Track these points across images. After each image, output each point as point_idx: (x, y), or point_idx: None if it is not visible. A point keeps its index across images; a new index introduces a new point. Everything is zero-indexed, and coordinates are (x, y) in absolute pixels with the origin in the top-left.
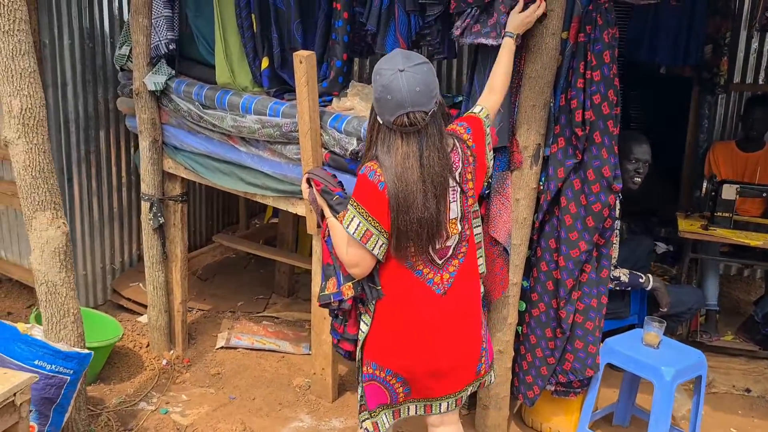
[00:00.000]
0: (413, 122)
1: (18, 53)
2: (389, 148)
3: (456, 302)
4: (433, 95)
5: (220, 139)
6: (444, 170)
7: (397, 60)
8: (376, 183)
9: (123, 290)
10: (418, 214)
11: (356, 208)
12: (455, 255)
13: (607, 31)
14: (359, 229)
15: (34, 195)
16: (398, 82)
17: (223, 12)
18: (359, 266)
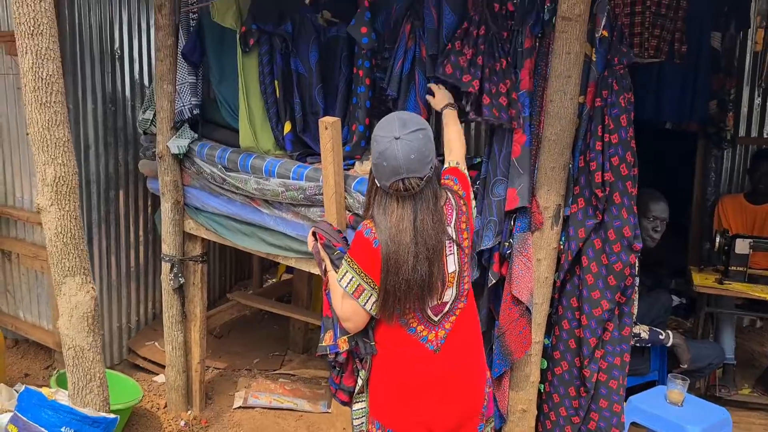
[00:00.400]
0: (408, 188)
1: (54, 124)
2: (385, 211)
3: (450, 359)
4: (427, 161)
5: (243, 201)
6: (438, 233)
7: (393, 127)
8: (371, 240)
9: (139, 349)
10: (407, 275)
11: (350, 264)
12: (452, 311)
13: (623, 96)
14: (352, 284)
15: (65, 261)
16: (393, 149)
17: (247, 78)
18: (352, 320)
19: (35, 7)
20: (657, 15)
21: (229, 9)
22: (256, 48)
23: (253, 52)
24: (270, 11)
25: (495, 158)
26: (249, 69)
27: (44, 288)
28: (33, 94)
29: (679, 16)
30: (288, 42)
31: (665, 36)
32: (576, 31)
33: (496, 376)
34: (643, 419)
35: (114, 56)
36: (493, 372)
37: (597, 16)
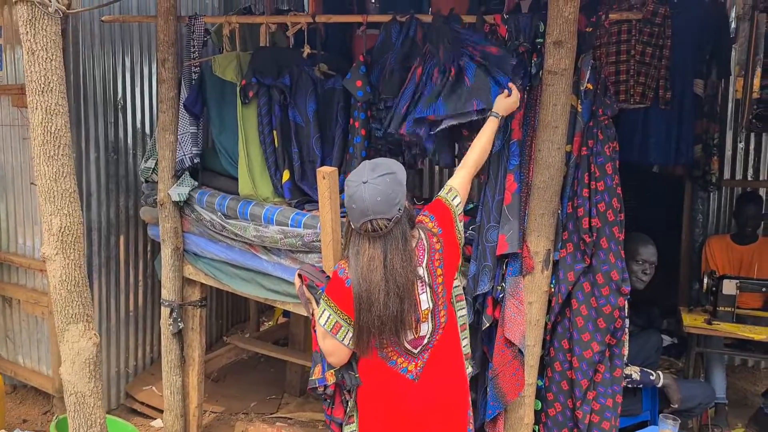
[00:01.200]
0: (376, 228)
1: (60, 176)
2: (358, 251)
3: (430, 386)
4: (394, 203)
5: (242, 248)
6: (407, 272)
7: (363, 172)
8: (344, 279)
9: (137, 394)
10: (379, 312)
11: (327, 302)
12: (430, 343)
13: (608, 145)
14: (329, 321)
15: (68, 308)
16: (361, 192)
17: (247, 128)
18: (334, 355)
19: (46, 65)
20: (641, 63)
21: (230, 63)
22: (256, 100)
23: (253, 103)
24: (269, 65)
25: (488, 205)
26: (248, 120)
27: (44, 334)
28: (41, 148)
29: (662, 65)
30: (286, 94)
31: (650, 83)
32: (562, 84)
33: (490, 418)
34: None
35: (117, 106)
36: (487, 414)
37: (582, 69)
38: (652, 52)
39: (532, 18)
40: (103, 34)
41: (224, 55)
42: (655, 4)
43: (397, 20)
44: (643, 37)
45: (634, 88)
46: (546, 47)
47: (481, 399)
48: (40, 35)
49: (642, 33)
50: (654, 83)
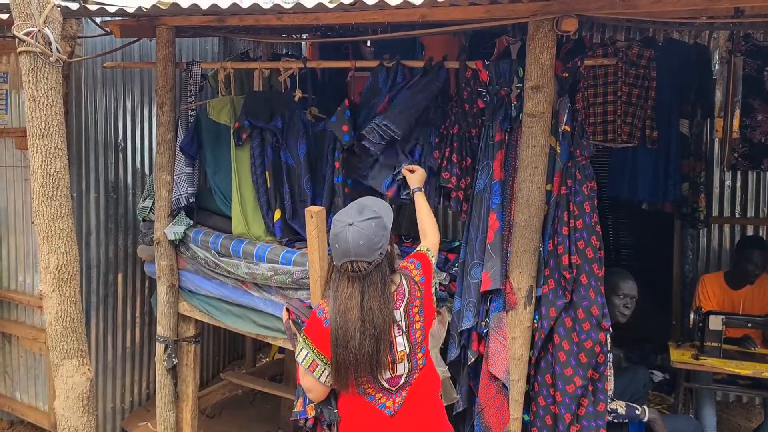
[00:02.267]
0: (356, 269)
1: (58, 216)
2: (337, 288)
3: (407, 422)
4: (376, 248)
5: (234, 285)
6: (383, 314)
7: (350, 213)
8: (323, 319)
9: (132, 430)
10: (354, 349)
11: (305, 340)
12: (408, 382)
13: (586, 185)
14: (307, 359)
15: (63, 344)
16: (345, 234)
17: (240, 169)
18: (312, 392)
19: (47, 111)
20: (628, 104)
21: (224, 107)
22: (249, 142)
23: (246, 145)
24: (261, 109)
25: (472, 243)
26: (242, 161)
27: (42, 370)
28: (40, 189)
29: (648, 105)
30: (278, 136)
31: (637, 123)
32: (540, 127)
33: None
34: None
35: (117, 147)
36: None
37: (560, 112)
38: (638, 93)
39: (512, 64)
40: (105, 78)
41: (218, 99)
42: (639, 47)
43: (384, 66)
44: (629, 78)
45: (621, 128)
46: (525, 91)
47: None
48: (42, 83)
49: (628, 75)
50: (641, 123)
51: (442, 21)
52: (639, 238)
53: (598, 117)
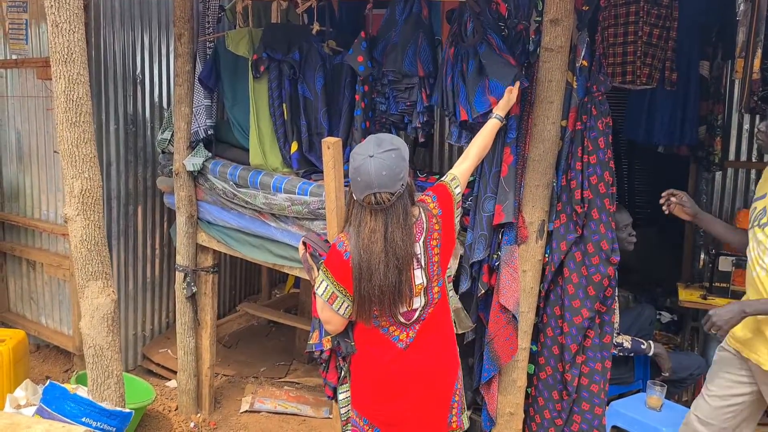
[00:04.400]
0: (379, 201)
1: (81, 141)
2: (360, 223)
3: (418, 355)
4: (398, 178)
5: (252, 215)
6: (406, 245)
7: (369, 146)
8: (342, 252)
9: (153, 356)
10: (379, 282)
11: (324, 273)
12: (421, 316)
13: (602, 120)
14: (326, 292)
15: (88, 266)
16: (367, 166)
17: (258, 102)
18: (330, 324)
19: (69, 37)
20: (648, 44)
21: (242, 39)
22: (266, 74)
23: (264, 78)
24: (279, 41)
25: (486, 177)
26: (259, 93)
27: (65, 295)
28: (64, 115)
29: (669, 46)
30: (296, 69)
31: (656, 64)
32: (558, 61)
33: (485, 380)
34: (624, 423)
35: (135, 80)
36: (482, 376)
37: (578, 47)
38: (659, 33)
39: None
40: (123, 11)
41: (237, 30)
42: None
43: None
44: (650, 18)
45: (640, 69)
46: (543, 25)
47: (477, 363)
48: (64, 9)
49: (649, 14)
50: (660, 64)
51: None
52: (653, 181)
53: (617, 57)
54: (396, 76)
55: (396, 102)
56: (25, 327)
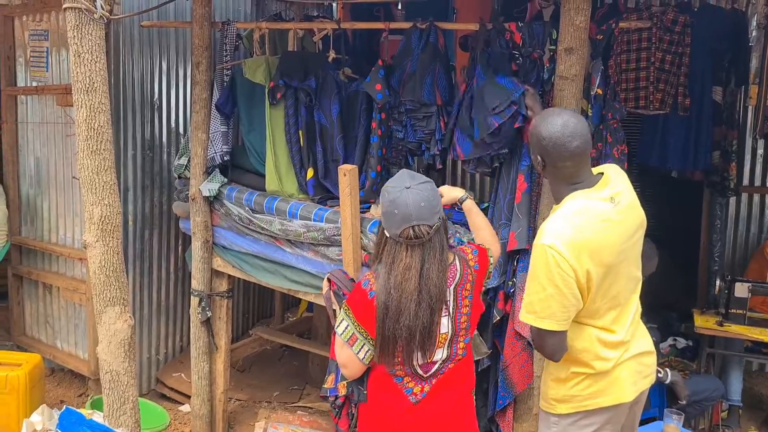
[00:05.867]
0: (418, 234)
1: (102, 169)
2: (394, 260)
3: (430, 412)
4: (436, 211)
5: (267, 241)
6: (442, 282)
7: (403, 179)
8: (367, 291)
9: (167, 380)
10: (408, 321)
11: (346, 312)
12: (440, 370)
13: (617, 147)
14: (347, 332)
15: (106, 292)
16: (405, 197)
17: (274, 128)
18: (348, 367)
19: (91, 67)
20: (661, 70)
21: (259, 67)
22: (283, 101)
23: (280, 105)
24: (296, 68)
25: (500, 203)
26: (276, 120)
27: (81, 320)
28: (85, 143)
29: (681, 72)
30: (312, 96)
31: (669, 90)
32: (572, 89)
33: (500, 408)
34: None
35: (153, 106)
36: (497, 404)
37: (592, 75)
38: (672, 59)
39: (545, 26)
40: (142, 38)
41: (254, 59)
42: (675, 13)
43: (417, 27)
44: (662, 44)
45: (653, 94)
46: (558, 54)
47: (492, 390)
48: (86, 39)
49: (662, 41)
50: (673, 90)
51: None
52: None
53: (630, 83)
54: (414, 105)
55: (414, 130)
56: (40, 350)
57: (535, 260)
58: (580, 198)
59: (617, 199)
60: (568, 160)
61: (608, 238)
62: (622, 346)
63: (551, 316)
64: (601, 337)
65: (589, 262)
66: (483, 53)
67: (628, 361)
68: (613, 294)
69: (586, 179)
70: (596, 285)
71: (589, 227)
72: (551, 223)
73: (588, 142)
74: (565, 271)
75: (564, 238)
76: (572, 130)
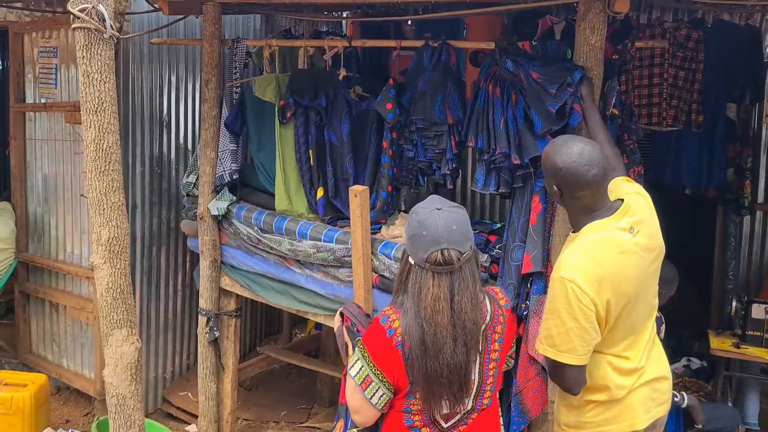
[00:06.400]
0: (447, 260)
1: (110, 190)
2: (420, 290)
3: None
4: (468, 237)
5: (276, 261)
6: (476, 316)
7: (434, 201)
8: (386, 329)
9: (173, 399)
10: (447, 359)
11: (361, 351)
12: (464, 421)
13: (633, 169)
14: (360, 374)
15: (113, 314)
16: (435, 218)
17: (284, 147)
18: (360, 414)
19: (100, 87)
20: (674, 87)
21: (269, 85)
22: (293, 120)
23: (290, 123)
24: (306, 87)
25: (514, 225)
26: (286, 139)
27: (88, 338)
28: (93, 163)
29: (695, 88)
30: (322, 115)
31: (682, 106)
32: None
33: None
34: None
35: (162, 123)
36: (512, 429)
37: (608, 96)
38: (685, 75)
39: (560, 45)
40: (152, 54)
41: (264, 76)
42: (688, 29)
43: (429, 45)
44: (675, 61)
45: (666, 111)
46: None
47: (505, 415)
48: (96, 59)
49: (675, 57)
50: (686, 107)
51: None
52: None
53: (642, 99)
54: (425, 124)
55: (425, 149)
56: (46, 369)
57: (554, 293)
58: (598, 228)
59: (636, 228)
60: (586, 189)
61: (627, 269)
62: (636, 373)
63: (571, 350)
64: (614, 364)
65: (609, 294)
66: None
67: (641, 388)
68: (630, 323)
69: (604, 207)
70: (614, 316)
71: (607, 259)
72: (570, 255)
73: (605, 169)
74: (585, 305)
75: (583, 271)
76: (589, 159)
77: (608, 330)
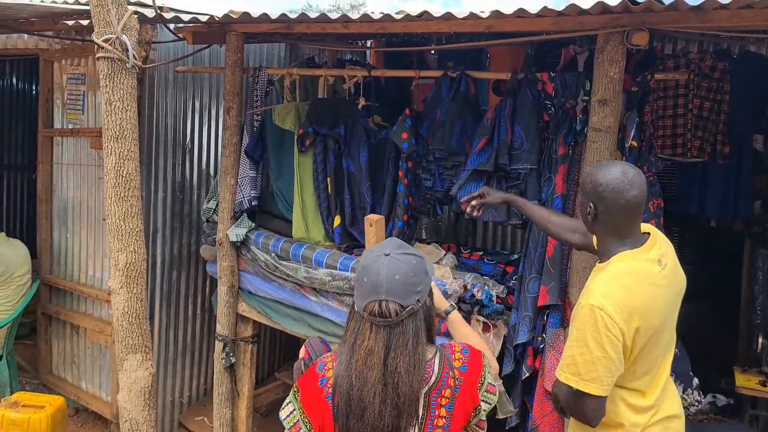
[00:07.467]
0: (384, 313)
1: (129, 215)
2: (355, 339)
3: None
4: (414, 290)
5: (292, 288)
6: (412, 381)
7: (387, 245)
8: (320, 377)
9: (189, 424)
10: (373, 421)
11: (294, 394)
12: None
13: (653, 202)
14: (290, 418)
15: (128, 339)
16: (378, 265)
17: (302, 175)
18: None
19: (122, 115)
20: (699, 117)
21: (289, 113)
22: (312, 148)
23: (309, 151)
24: (325, 116)
25: (530, 256)
26: (304, 166)
27: (106, 361)
28: (113, 189)
29: (720, 119)
30: (341, 143)
31: (708, 137)
32: (606, 142)
33: None
34: None
35: (185, 149)
36: None
37: (627, 127)
38: (710, 106)
39: (578, 76)
40: (176, 81)
41: (284, 105)
42: (713, 60)
43: (448, 75)
44: (701, 91)
45: (691, 142)
46: (591, 105)
47: None
48: (118, 88)
49: (700, 88)
50: (712, 138)
51: (508, 32)
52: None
53: (667, 130)
54: (443, 154)
55: (442, 179)
56: (65, 390)
57: (581, 321)
58: (629, 258)
59: (664, 261)
60: (623, 209)
61: (655, 301)
62: (651, 410)
63: (596, 380)
64: (630, 401)
65: (637, 325)
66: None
67: (653, 426)
68: (652, 357)
69: (634, 236)
70: (639, 348)
71: (638, 290)
72: (601, 284)
73: (644, 195)
74: (614, 334)
75: (614, 299)
76: (631, 179)
77: (630, 362)
